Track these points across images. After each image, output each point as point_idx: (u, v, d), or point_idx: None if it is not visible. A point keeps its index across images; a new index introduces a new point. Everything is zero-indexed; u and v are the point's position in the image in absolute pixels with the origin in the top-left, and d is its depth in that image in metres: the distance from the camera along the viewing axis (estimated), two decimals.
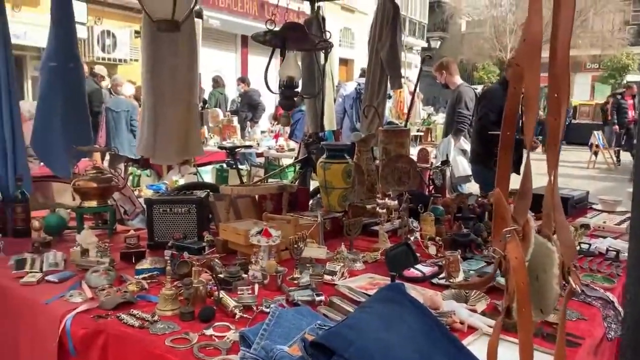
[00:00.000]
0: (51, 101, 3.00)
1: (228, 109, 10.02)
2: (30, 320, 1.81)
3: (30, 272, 2.00)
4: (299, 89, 3.06)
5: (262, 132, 8.92)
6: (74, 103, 3.06)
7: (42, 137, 3.01)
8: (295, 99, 2.98)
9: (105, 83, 8.29)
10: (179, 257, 2.00)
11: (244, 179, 5.64)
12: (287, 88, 2.84)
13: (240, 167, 6.23)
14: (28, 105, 5.16)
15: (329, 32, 3.23)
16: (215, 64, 15.35)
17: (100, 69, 8.45)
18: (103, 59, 11.97)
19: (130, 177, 6.74)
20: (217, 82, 10.56)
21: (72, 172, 2.70)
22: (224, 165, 7.54)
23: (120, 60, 12.53)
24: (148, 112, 2.78)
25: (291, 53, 2.86)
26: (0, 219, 2.55)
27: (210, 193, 2.69)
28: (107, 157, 7.24)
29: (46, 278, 1.97)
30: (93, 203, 2.62)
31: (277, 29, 2.70)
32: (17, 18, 9.64)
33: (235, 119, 8.64)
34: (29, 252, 2.18)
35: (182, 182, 6.65)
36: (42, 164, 4.58)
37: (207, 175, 7.44)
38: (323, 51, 3.91)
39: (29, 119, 4.23)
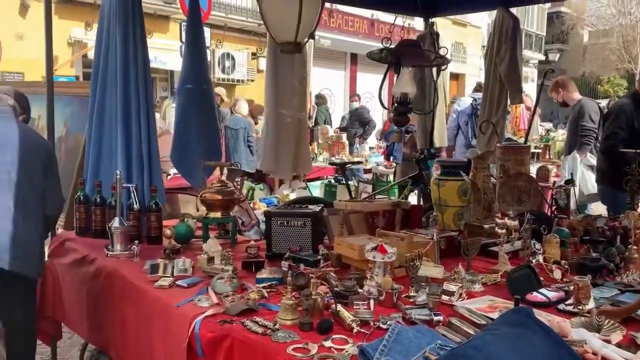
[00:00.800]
0: (187, 119, 3.28)
1: (337, 126, 10.20)
2: (162, 320, 1.97)
3: (163, 277, 2.17)
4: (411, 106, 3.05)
5: (371, 148, 8.96)
6: (206, 121, 3.31)
7: (180, 151, 3.28)
8: (408, 115, 2.97)
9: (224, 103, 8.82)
10: (296, 269, 2.07)
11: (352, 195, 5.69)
12: (400, 104, 2.84)
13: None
14: (158, 122, 5.64)
15: (445, 47, 3.19)
16: (324, 82, 15.74)
17: (219, 90, 9.01)
18: (223, 79, 12.77)
19: (246, 191, 7.08)
20: (322, 99, 10.80)
21: (203, 184, 2.90)
22: (332, 181, 7.68)
23: (238, 81, 13.30)
24: (270, 129, 2.92)
25: (406, 69, 2.86)
26: (136, 227, 2.79)
27: (324, 207, 2.75)
28: (225, 171, 7.68)
29: (177, 283, 2.12)
30: (217, 214, 2.79)
31: (392, 46, 2.72)
32: (148, 43, 10.63)
33: (344, 135, 8.77)
34: (161, 258, 2.36)
35: (292, 196, 6.85)
36: (169, 177, 4.98)
37: (316, 190, 7.61)
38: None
39: (159, 135, 4.63)
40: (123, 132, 2.93)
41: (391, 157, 7.81)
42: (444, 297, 1.88)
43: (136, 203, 2.75)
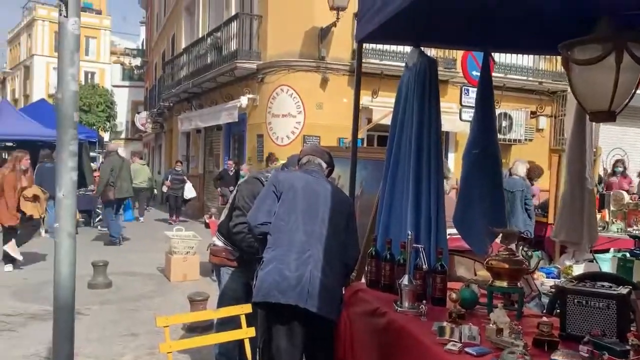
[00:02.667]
0: (472, 183, 3.33)
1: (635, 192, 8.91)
2: None
3: (452, 341, 2.20)
4: None
5: None
6: (491, 186, 3.31)
7: (462, 215, 3.34)
8: None
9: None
10: (599, 357, 1.86)
11: None
12: None
13: None
14: None
15: None
16: (617, 141, 14.05)
17: None
18: (499, 140, 12.54)
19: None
20: None
21: (487, 250, 2.88)
22: (628, 255, 6.67)
23: (514, 141, 12.90)
24: (577, 197, 2.77)
25: None
26: (422, 286, 2.90)
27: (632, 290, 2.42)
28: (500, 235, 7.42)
29: (465, 349, 2.12)
30: (503, 283, 2.71)
31: None
32: None
33: None
34: (447, 321, 2.40)
35: (576, 268, 6.19)
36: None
37: (606, 263, 6.70)
38: None
39: None
40: (414, 195, 3.12)
41: None
42: None
43: (425, 263, 2.87)
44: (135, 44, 42.57)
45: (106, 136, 30.93)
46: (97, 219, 13.27)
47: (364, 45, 3.96)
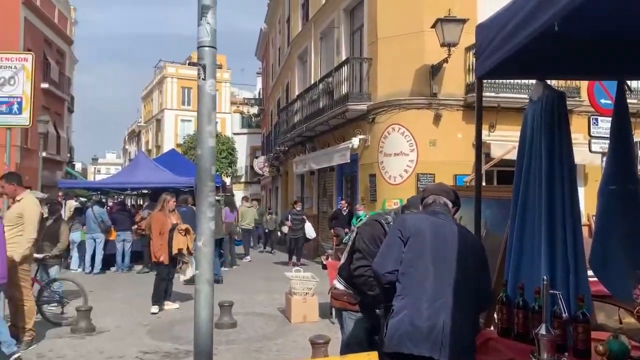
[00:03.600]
0: (610, 222, 3.05)
1: None
2: None
3: None
4: None
5: None
6: (633, 224, 3.00)
7: (600, 256, 3.06)
8: None
9: None
10: None
11: None
12: None
13: None
14: None
15: None
16: None
17: None
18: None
19: None
20: None
21: (634, 297, 2.60)
22: None
23: None
24: None
25: None
26: (562, 336, 2.67)
27: None
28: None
29: None
30: None
31: None
32: None
33: None
34: None
35: None
36: None
37: None
38: None
39: None
40: (547, 235, 2.91)
41: None
42: None
43: (564, 312, 2.65)
44: (253, 94, 45.32)
45: (228, 181, 32.87)
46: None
47: None
